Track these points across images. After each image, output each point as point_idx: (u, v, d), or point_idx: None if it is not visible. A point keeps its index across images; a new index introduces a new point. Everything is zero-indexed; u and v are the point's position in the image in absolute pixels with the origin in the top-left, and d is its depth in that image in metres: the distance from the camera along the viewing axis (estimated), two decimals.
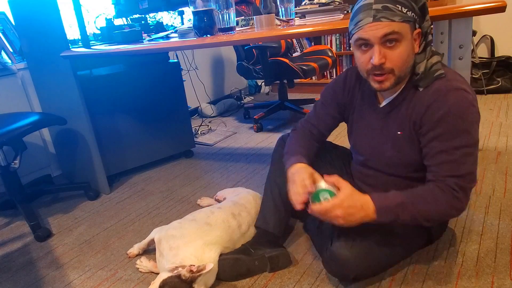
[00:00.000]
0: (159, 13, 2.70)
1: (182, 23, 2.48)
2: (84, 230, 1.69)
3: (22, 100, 2.12)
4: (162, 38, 1.75)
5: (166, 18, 2.92)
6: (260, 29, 1.37)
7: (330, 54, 2.86)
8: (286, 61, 2.59)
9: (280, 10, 1.45)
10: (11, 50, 2.12)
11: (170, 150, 2.35)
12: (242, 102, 3.60)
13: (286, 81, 2.89)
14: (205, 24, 1.35)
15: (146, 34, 2.02)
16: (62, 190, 2.10)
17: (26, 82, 2.12)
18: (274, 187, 1.37)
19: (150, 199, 1.91)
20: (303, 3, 1.52)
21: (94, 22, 2.32)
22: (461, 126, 0.97)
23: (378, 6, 0.94)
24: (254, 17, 1.42)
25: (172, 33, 1.85)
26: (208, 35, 1.36)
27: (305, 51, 3.09)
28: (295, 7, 1.48)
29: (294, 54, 3.19)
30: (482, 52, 3.18)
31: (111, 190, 2.06)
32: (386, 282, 1.18)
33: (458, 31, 1.20)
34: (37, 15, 1.78)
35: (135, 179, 2.18)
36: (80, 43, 2.01)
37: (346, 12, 1.52)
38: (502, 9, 0.96)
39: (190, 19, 1.52)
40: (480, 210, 1.49)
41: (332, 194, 1.02)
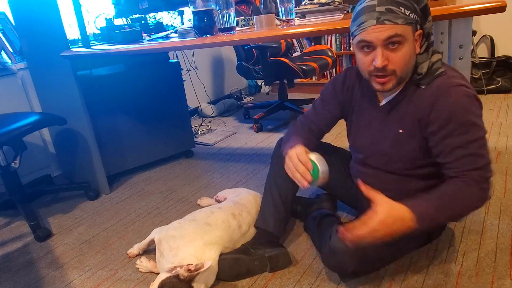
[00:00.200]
0: (159, 13, 2.70)
1: (182, 23, 2.48)
2: (84, 230, 1.69)
3: (22, 100, 2.12)
4: (162, 38, 1.75)
5: (166, 18, 2.92)
6: (260, 29, 1.37)
7: (330, 54, 2.86)
8: (286, 61, 2.59)
9: (280, 10, 1.45)
10: (11, 50, 2.12)
11: (170, 150, 2.35)
12: (242, 102, 3.60)
13: (286, 81, 2.89)
14: (205, 24, 1.35)
15: (146, 34, 2.02)
16: (62, 190, 2.10)
17: (26, 82, 2.12)
18: (274, 187, 1.38)
19: (150, 199, 1.91)
20: (303, 3, 1.52)
21: (94, 22, 2.32)
22: (470, 120, 0.98)
23: (381, 9, 0.95)
24: (254, 17, 1.42)
25: (172, 33, 1.85)
26: (208, 35, 1.36)
27: (305, 51, 3.09)
28: (295, 7, 1.48)
29: (294, 54, 3.19)
30: (482, 52, 3.18)
31: (111, 190, 2.06)
32: (386, 282, 1.18)
33: (458, 31, 1.20)
34: (37, 15, 1.78)
35: (135, 179, 2.18)
36: (80, 43, 2.01)
37: (346, 12, 1.52)
38: (502, 9, 0.96)
39: (190, 19, 1.52)
40: (480, 210, 1.48)
41: (315, 169, 1.08)
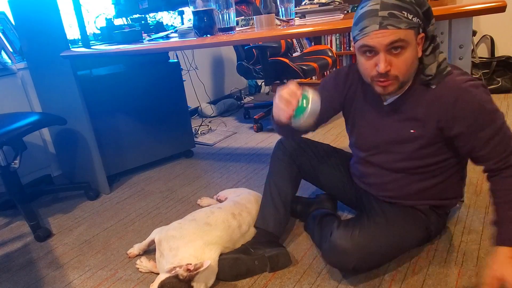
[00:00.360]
0: (159, 13, 2.70)
1: (182, 23, 2.48)
2: (84, 230, 1.69)
3: (22, 100, 2.12)
4: (162, 38, 1.75)
5: (166, 18, 2.92)
6: (260, 29, 1.37)
7: (330, 54, 2.86)
8: (286, 61, 2.59)
9: (280, 10, 1.45)
10: (11, 50, 2.12)
11: (170, 150, 2.35)
12: (242, 102, 3.60)
13: (286, 81, 2.88)
14: (205, 24, 1.35)
15: (146, 34, 2.02)
16: (62, 190, 2.09)
17: (26, 82, 2.12)
18: (273, 187, 1.38)
19: (150, 199, 1.91)
20: (303, 3, 1.52)
21: (94, 22, 2.32)
22: (492, 108, 1.01)
23: (384, 13, 0.94)
24: (254, 17, 1.42)
25: (172, 33, 1.85)
26: (208, 35, 1.36)
27: (305, 51, 3.09)
28: (295, 7, 1.48)
29: (294, 54, 3.19)
30: (482, 52, 3.18)
31: (111, 190, 2.06)
32: (386, 281, 1.18)
33: (458, 31, 1.20)
34: (37, 15, 1.78)
35: (135, 179, 2.18)
36: (80, 43, 2.01)
37: (346, 12, 1.52)
38: (502, 9, 0.96)
39: (190, 19, 1.52)
40: (480, 210, 1.48)
41: (305, 98, 0.95)
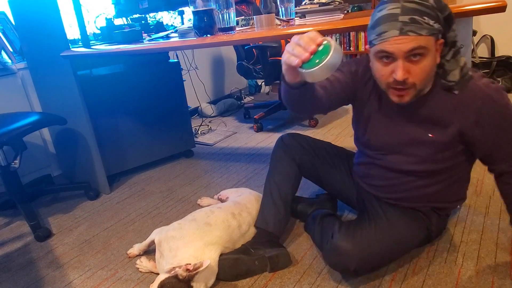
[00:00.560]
0: (159, 13, 2.70)
1: (182, 23, 2.48)
2: (84, 230, 1.69)
3: (22, 100, 2.12)
4: (162, 38, 1.75)
5: (166, 18, 2.92)
6: (260, 29, 1.37)
7: None
8: None
9: (280, 10, 1.45)
10: (11, 50, 2.12)
11: (170, 150, 2.35)
12: (242, 102, 3.60)
13: None
14: (205, 24, 1.35)
15: (146, 34, 2.02)
16: (62, 190, 2.09)
17: (26, 82, 2.12)
18: (273, 187, 1.38)
19: (150, 199, 1.91)
20: (303, 3, 1.52)
21: (94, 22, 2.32)
22: None
23: (405, 18, 0.89)
24: (254, 17, 1.42)
25: (172, 33, 1.85)
26: (208, 35, 1.36)
27: None
28: (295, 7, 1.48)
29: None
30: (482, 52, 3.18)
31: (111, 190, 2.06)
32: (386, 282, 1.18)
33: (458, 31, 1.19)
34: (37, 15, 1.78)
35: (135, 179, 2.18)
36: (80, 43, 2.01)
37: (346, 12, 1.52)
38: (502, 9, 0.95)
39: (190, 19, 1.52)
40: (480, 210, 1.49)
41: (326, 46, 0.85)
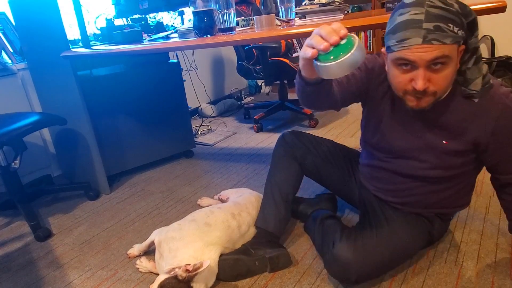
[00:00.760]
0: (159, 13, 2.70)
1: (182, 23, 2.48)
2: (84, 230, 1.69)
3: (22, 100, 2.12)
4: (162, 38, 1.75)
5: (166, 18, 2.92)
6: (260, 29, 1.37)
7: None
8: (286, 61, 2.59)
9: (280, 10, 1.45)
10: (11, 50, 2.12)
11: (170, 150, 2.35)
12: (242, 102, 3.60)
13: (286, 81, 2.89)
14: (205, 24, 1.35)
15: (146, 34, 2.02)
16: (62, 190, 2.09)
17: (26, 82, 2.12)
18: (274, 187, 1.38)
19: (150, 199, 1.91)
20: (303, 3, 1.52)
21: (94, 22, 2.32)
22: None
23: (429, 26, 0.84)
24: (254, 17, 1.42)
25: (172, 33, 1.85)
26: (208, 35, 1.36)
27: None
28: (295, 7, 1.48)
29: (294, 54, 3.18)
30: (482, 52, 3.18)
31: (111, 190, 2.06)
32: (386, 282, 1.18)
33: None
34: (37, 15, 1.78)
35: (135, 179, 2.18)
36: (80, 43, 2.01)
37: (346, 12, 1.52)
38: (502, 9, 0.95)
39: (190, 19, 1.52)
40: (480, 210, 1.49)
41: (349, 41, 0.79)
